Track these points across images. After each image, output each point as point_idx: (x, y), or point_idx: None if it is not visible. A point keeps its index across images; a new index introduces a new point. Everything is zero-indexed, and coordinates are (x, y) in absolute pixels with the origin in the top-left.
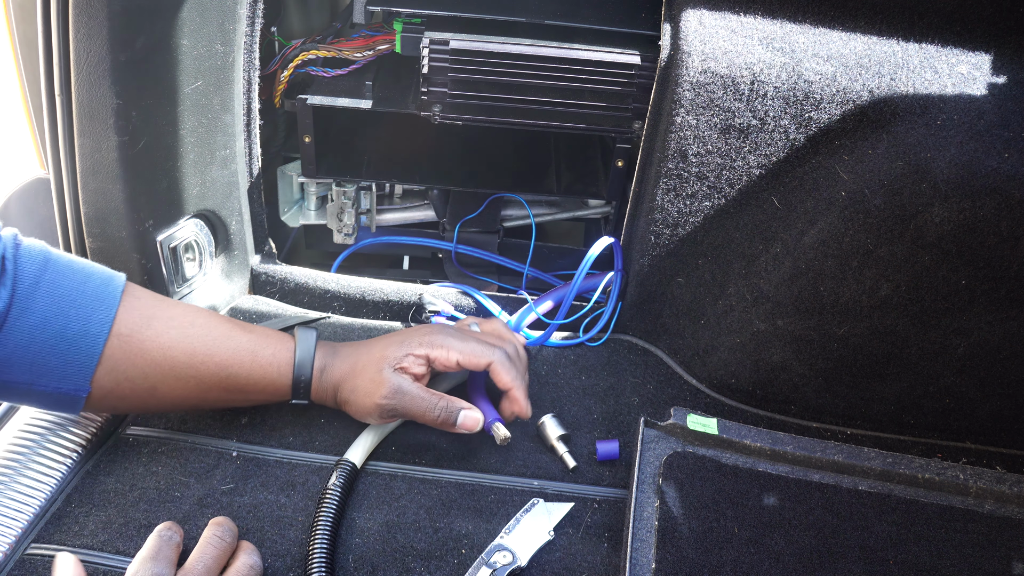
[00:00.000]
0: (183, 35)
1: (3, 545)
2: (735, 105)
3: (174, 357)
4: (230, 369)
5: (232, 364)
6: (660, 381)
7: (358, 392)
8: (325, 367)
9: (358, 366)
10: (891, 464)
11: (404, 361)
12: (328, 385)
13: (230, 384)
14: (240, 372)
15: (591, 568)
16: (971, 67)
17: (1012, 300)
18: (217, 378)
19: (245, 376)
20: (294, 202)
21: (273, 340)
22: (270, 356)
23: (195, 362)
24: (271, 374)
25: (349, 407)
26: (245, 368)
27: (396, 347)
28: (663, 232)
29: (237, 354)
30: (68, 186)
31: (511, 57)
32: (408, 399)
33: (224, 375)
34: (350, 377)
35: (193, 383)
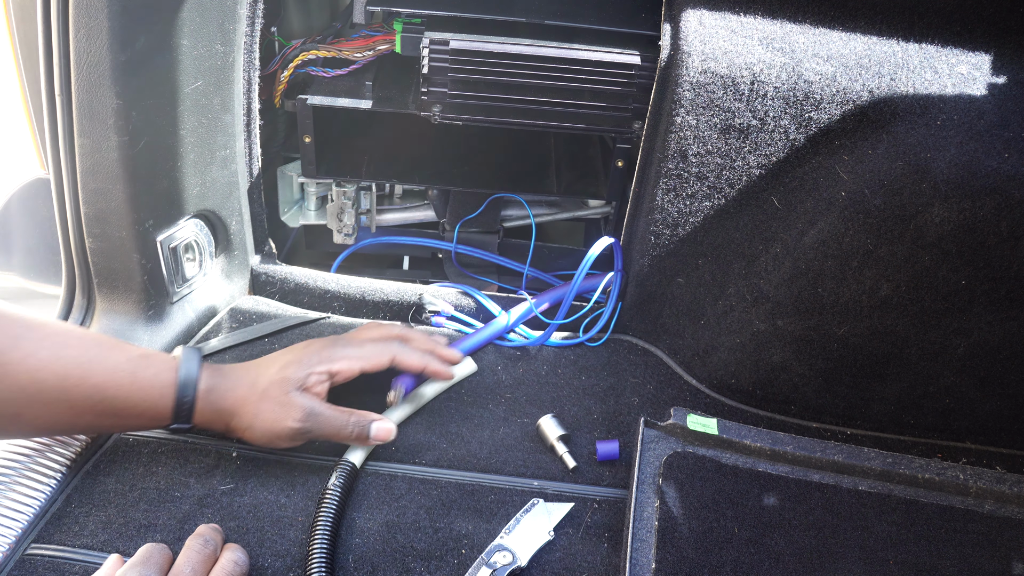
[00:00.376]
0: (183, 35)
1: (3, 545)
2: (735, 105)
3: (43, 380)
4: (106, 392)
5: (108, 387)
6: (660, 381)
7: (263, 417)
8: (212, 389)
9: (257, 390)
10: (891, 464)
11: (308, 381)
12: (218, 409)
13: (105, 408)
14: (117, 395)
15: (591, 568)
16: (971, 67)
17: (1012, 300)
18: (91, 402)
19: (123, 399)
20: (294, 202)
21: (154, 361)
22: (151, 377)
23: (67, 385)
24: (151, 396)
25: (251, 433)
26: (123, 391)
27: (296, 367)
28: (663, 232)
29: (114, 376)
30: (68, 186)
31: (511, 57)
32: (322, 420)
33: (99, 399)
34: (249, 402)
35: (64, 407)
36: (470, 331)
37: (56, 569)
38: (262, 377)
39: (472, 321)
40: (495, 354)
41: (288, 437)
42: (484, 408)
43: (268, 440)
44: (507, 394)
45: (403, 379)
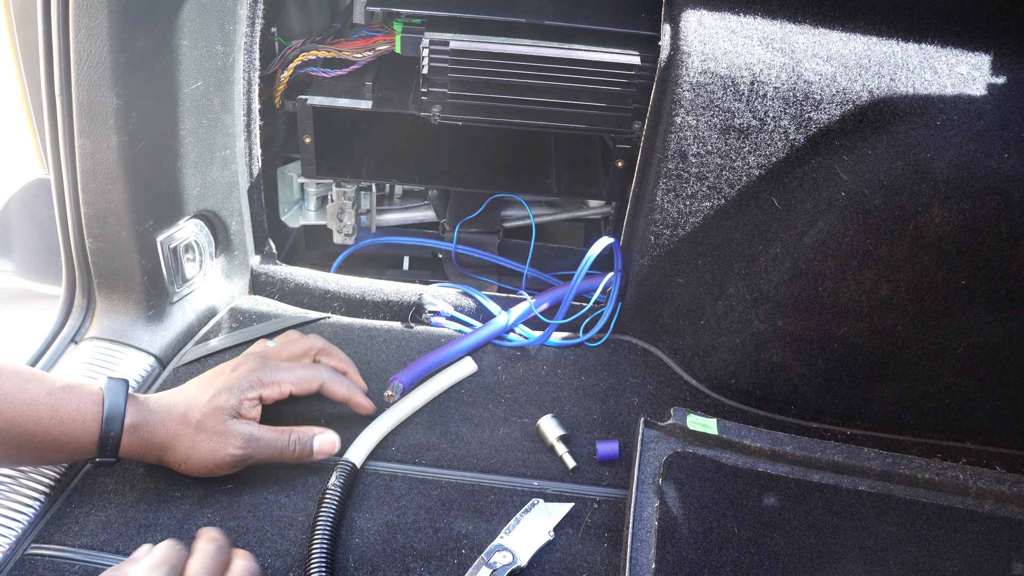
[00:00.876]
0: (183, 36)
1: (3, 545)
2: (735, 105)
3: None
4: (23, 426)
5: (27, 420)
6: (660, 381)
7: (200, 449)
8: (140, 425)
9: (190, 422)
10: (891, 464)
11: (242, 408)
12: (148, 443)
13: (23, 442)
14: (36, 430)
15: (591, 568)
16: (971, 67)
17: (1012, 300)
18: (7, 435)
19: (42, 434)
20: (294, 202)
21: (77, 394)
22: (72, 411)
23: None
24: (73, 431)
25: (188, 465)
26: (43, 425)
27: (228, 395)
28: (663, 232)
29: (34, 409)
30: (68, 186)
31: (511, 57)
32: (262, 444)
33: (16, 432)
34: (183, 436)
35: None
36: (469, 331)
37: (56, 569)
38: (193, 409)
39: (472, 321)
40: (495, 354)
41: (229, 465)
42: (484, 408)
43: (207, 471)
44: (507, 394)
45: (400, 376)
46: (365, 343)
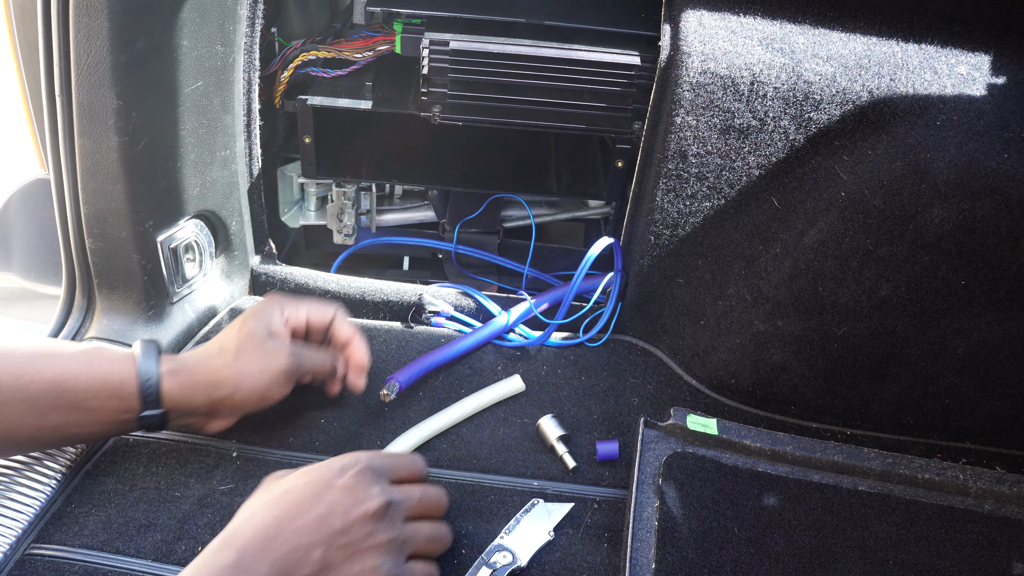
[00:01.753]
0: (183, 36)
1: (3, 545)
2: (735, 106)
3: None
4: (64, 384)
5: (66, 378)
6: (660, 381)
7: (249, 372)
8: (178, 369)
9: (228, 351)
10: (891, 464)
11: (273, 325)
12: (192, 385)
13: (66, 402)
14: (76, 386)
15: (591, 568)
16: (971, 67)
17: (1012, 300)
18: (50, 397)
19: (82, 390)
20: (294, 203)
21: (108, 352)
22: (107, 365)
23: (23, 383)
24: (111, 383)
25: (239, 395)
26: (82, 381)
27: (255, 319)
28: (663, 232)
29: (70, 367)
30: (68, 186)
31: (511, 58)
32: (306, 356)
33: (58, 392)
34: (226, 366)
35: (24, 407)
36: (469, 331)
37: (56, 569)
38: (227, 341)
39: (472, 321)
40: (495, 354)
41: (280, 382)
42: (484, 408)
43: (260, 396)
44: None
45: (397, 376)
46: None
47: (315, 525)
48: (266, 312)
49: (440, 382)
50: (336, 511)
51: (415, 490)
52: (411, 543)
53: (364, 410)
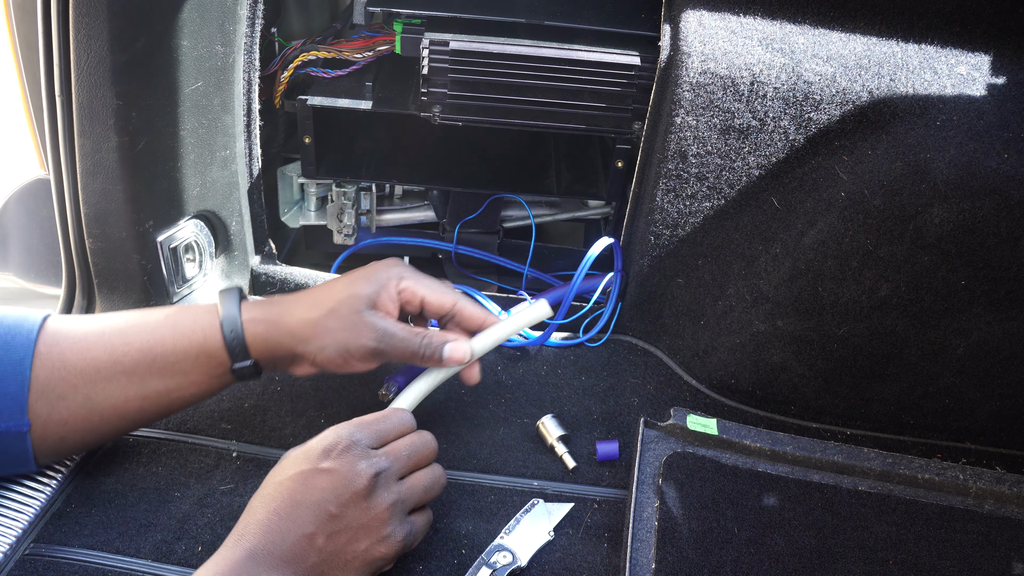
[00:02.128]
0: (183, 36)
1: (3, 545)
2: (735, 106)
3: (95, 358)
4: (154, 351)
5: (155, 345)
6: (660, 382)
7: (333, 335)
8: (262, 317)
9: (323, 307)
10: (891, 464)
11: (379, 299)
12: (278, 335)
13: (160, 367)
14: (165, 350)
15: (591, 568)
16: (971, 68)
17: (1012, 300)
18: (144, 365)
19: (171, 352)
20: (294, 203)
21: (191, 309)
22: (190, 322)
23: (116, 356)
24: (197, 339)
25: (324, 355)
26: (168, 344)
27: (366, 283)
28: (663, 233)
29: (156, 333)
30: (68, 186)
31: (511, 58)
32: (396, 340)
33: (150, 359)
34: (315, 322)
35: (124, 380)
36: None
37: (56, 569)
38: (325, 295)
39: None
40: (495, 354)
41: (361, 357)
42: (484, 408)
43: (343, 360)
44: (507, 394)
45: (395, 377)
46: None
47: (310, 515)
48: (378, 279)
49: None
50: (328, 497)
51: (402, 447)
52: (410, 500)
53: (364, 410)
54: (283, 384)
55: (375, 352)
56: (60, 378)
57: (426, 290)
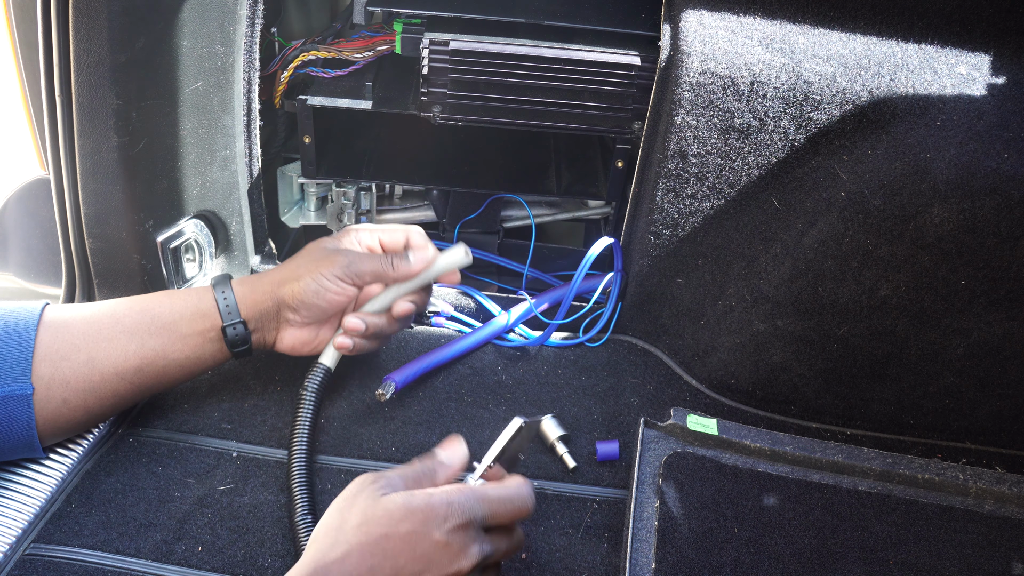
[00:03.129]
0: (183, 36)
1: (3, 545)
2: (735, 106)
3: (97, 320)
4: (153, 311)
5: (153, 306)
6: (660, 381)
7: (306, 269)
8: (247, 279)
9: (295, 258)
10: (891, 464)
11: (342, 241)
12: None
13: (158, 326)
14: (162, 310)
15: (591, 568)
16: (971, 67)
17: (1012, 300)
18: (144, 324)
19: (168, 312)
20: (294, 203)
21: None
22: (185, 293)
23: (118, 315)
24: (192, 301)
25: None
26: (166, 305)
27: (327, 239)
28: (663, 233)
29: (155, 298)
30: (68, 186)
31: (511, 58)
32: (363, 259)
33: (149, 318)
34: (290, 268)
35: (125, 338)
36: (469, 331)
37: (56, 569)
38: (298, 255)
39: (472, 321)
40: (495, 354)
41: (335, 283)
42: (484, 408)
43: (318, 289)
44: (507, 394)
45: (393, 376)
46: None
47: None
48: (339, 235)
49: (440, 382)
50: (431, 569)
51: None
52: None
53: (364, 410)
54: (283, 384)
55: (344, 270)
56: (63, 339)
57: (378, 234)
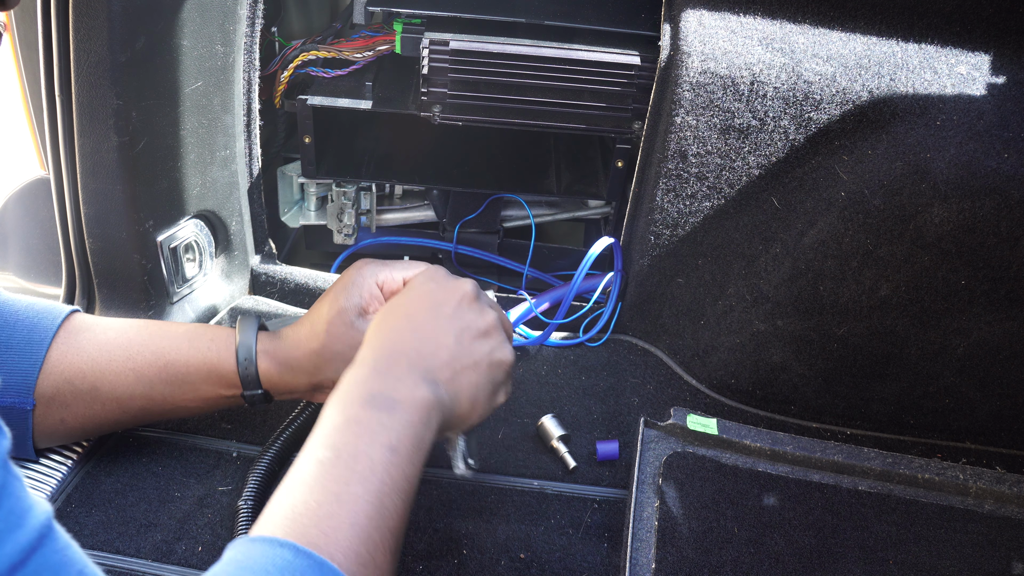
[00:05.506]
0: (183, 36)
1: None
2: (735, 105)
3: (110, 351)
4: (167, 356)
5: (169, 351)
6: (660, 381)
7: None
8: (274, 350)
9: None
10: (891, 464)
11: (364, 302)
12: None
13: (169, 375)
14: (178, 359)
15: (591, 568)
16: (971, 67)
17: (1012, 300)
18: (155, 368)
19: (183, 364)
20: (294, 203)
21: (212, 329)
22: (208, 341)
23: (131, 353)
24: (211, 359)
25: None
26: (183, 355)
27: (346, 294)
28: (663, 232)
29: (174, 342)
30: (68, 186)
31: (511, 57)
32: None
33: (162, 364)
34: (320, 351)
35: (132, 377)
36: None
37: None
38: (319, 319)
39: None
40: None
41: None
42: None
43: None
44: None
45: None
46: None
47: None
48: (357, 284)
49: None
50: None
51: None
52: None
53: None
54: None
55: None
56: (71, 362)
57: (401, 272)
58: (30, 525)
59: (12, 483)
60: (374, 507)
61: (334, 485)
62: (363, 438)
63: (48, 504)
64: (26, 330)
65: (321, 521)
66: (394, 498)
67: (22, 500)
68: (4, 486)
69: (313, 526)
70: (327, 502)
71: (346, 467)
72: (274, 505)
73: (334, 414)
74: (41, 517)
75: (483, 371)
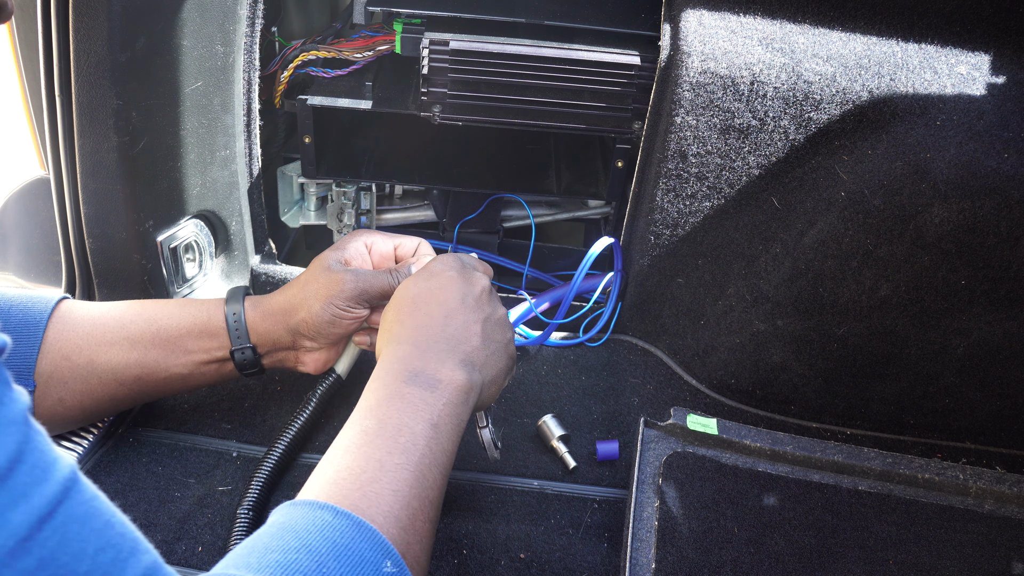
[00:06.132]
0: (183, 36)
1: None
2: (735, 105)
3: (105, 323)
4: (159, 322)
5: (160, 317)
6: (660, 381)
7: (315, 296)
8: (259, 300)
9: (300, 280)
10: (891, 464)
11: (347, 253)
12: (273, 315)
13: (163, 338)
14: (169, 323)
15: (591, 568)
16: (971, 67)
17: (1012, 300)
18: (148, 334)
19: (175, 326)
20: (294, 202)
21: (201, 298)
22: (197, 304)
23: (124, 322)
24: (201, 318)
25: (314, 318)
26: (174, 319)
27: (331, 250)
28: (663, 232)
29: (165, 308)
30: (68, 186)
31: (511, 57)
32: (369, 276)
33: (154, 329)
34: (300, 295)
35: (127, 345)
36: None
37: None
38: (303, 275)
39: None
40: None
41: (345, 306)
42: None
43: (331, 315)
44: (507, 394)
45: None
46: None
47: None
48: (345, 240)
49: None
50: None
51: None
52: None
53: None
54: (283, 384)
55: (355, 295)
56: (67, 338)
57: (394, 241)
58: (55, 478)
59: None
60: (415, 477)
61: (378, 453)
62: (406, 412)
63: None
64: (21, 314)
65: (364, 485)
66: (434, 471)
67: (47, 453)
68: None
69: (356, 490)
70: (370, 468)
71: (390, 438)
72: (319, 471)
73: (379, 387)
74: (66, 470)
75: (504, 357)
